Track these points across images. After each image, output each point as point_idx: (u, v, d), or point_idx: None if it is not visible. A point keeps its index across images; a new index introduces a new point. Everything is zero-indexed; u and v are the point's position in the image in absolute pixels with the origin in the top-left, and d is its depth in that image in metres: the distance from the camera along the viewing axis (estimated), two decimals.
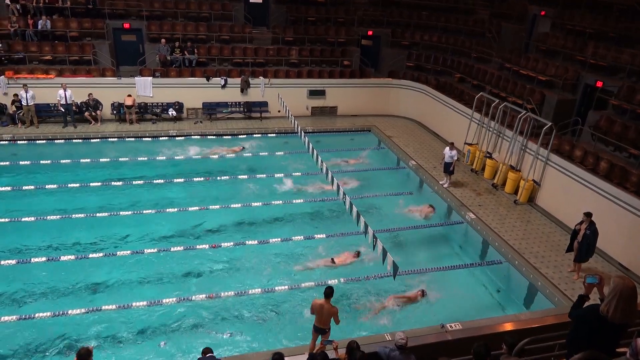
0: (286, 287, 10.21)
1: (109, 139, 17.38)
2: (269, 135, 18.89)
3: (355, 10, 23.39)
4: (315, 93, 20.82)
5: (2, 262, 10.30)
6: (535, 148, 13.84)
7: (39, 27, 18.77)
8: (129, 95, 18.22)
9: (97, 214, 12.47)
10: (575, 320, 4.77)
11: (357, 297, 10.25)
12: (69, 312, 9.04)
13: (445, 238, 13.15)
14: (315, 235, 12.15)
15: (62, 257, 10.65)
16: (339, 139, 19.12)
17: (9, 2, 19.02)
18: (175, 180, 14.65)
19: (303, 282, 10.33)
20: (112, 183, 14.21)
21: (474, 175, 15.85)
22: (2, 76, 17.48)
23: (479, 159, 16.01)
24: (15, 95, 17.32)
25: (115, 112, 18.77)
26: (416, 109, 21.26)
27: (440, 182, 14.81)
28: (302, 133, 13.96)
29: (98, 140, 17.27)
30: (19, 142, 16.67)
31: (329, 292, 7.61)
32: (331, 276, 10.63)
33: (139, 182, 14.44)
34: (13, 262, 10.38)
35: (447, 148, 14.47)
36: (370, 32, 22.97)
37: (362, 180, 15.67)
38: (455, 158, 14.28)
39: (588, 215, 10.12)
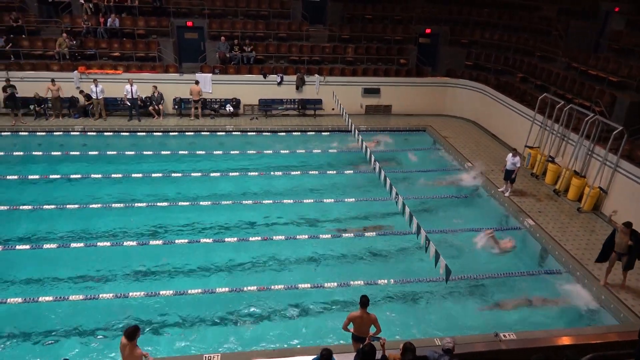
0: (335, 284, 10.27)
1: (170, 133, 18.14)
2: (322, 133, 19.00)
3: (413, 8, 23.01)
4: (369, 91, 20.70)
5: (73, 245, 11.04)
6: (603, 153, 13.05)
7: (109, 25, 19.88)
8: (197, 83, 18.79)
9: (158, 203, 13.04)
10: None
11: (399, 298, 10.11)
12: (130, 294, 9.55)
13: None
14: (366, 233, 12.10)
15: (124, 243, 11.26)
16: (393, 138, 18.88)
17: (82, 1, 20.27)
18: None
19: (351, 281, 10.30)
20: (173, 174, 14.84)
21: (534, 180, 15.18)
22: (76, 71, 18.67)
23: (540, 163, 15.30)
24: (82, 91, 18.48)
25: (176, 107, 19.56)
26: (474, 109, 20.64)
27: (500, 190, 14.22)
28: (356, 131, 13.96)
29: (160, 133, 18.08)
30: (88, 133, 17.76)
31: (365, 300, 7.47)
32: (380, 276, 10.53)
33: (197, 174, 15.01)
34: (81, 245, 11.10)
35: (510, 154, 13.70)
36: (428, 30, 22.53)
37: (414, 181, 15.42)
38: (518, 165, 13.57)
39: (628, 225, 9.55)
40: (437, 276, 9.42)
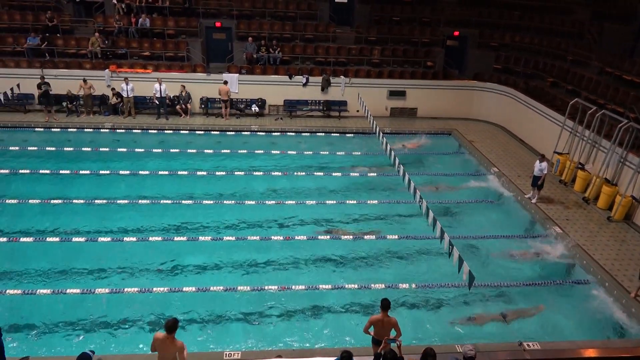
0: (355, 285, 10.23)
1: (197, 132, 18.42)
2: (346, 134, 18.99)
3: (441, 10, 22.77)
4: (395, 94, 20.58)
5: (100, 239, 11.32)
6: (636, 161, 12.63)
7: (139, 24, 20.32)
8: (225, 83, 19.02)
9: (183, 201, 13.25)
10: None
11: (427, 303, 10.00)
12: (153, 289, 9.73)
13: (524, 251, 12.35)
14: (387, 236, 12.01)
15: (150, 238, 11.48)
16: (418, 141, 18.69)
17: (115, 2, 20.79)
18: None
19: (372, 284, 10.25)
20: (198, 172, 15.06)
21: (562, 187, 14.82)
22: (107, 70, 19.15)
23: (570, 170, 14.92)
24: (113, 89, 18.94)
25: (203, 106, 19.84)
26: (501, 113, 20.28)
27: (527, 196, 13.91)
28: (380, 134, 13.88)
29: (187, 132, 18.38)
30: (117, 130, 18.19)
31: (386, 303, 7.41)
32: (402, 280, 10.45)
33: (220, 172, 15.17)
34: (108, 239, 11.37)
35: (538, 160, 13.41)
36: (456, 33, 22.24)
37: (438, 184, 15.25)
38: (545, 172, 13.22)
39: None
40: (460, 282, 9.29)
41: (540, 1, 22.67)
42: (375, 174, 15.63)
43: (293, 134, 18.85)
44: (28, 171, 14.49)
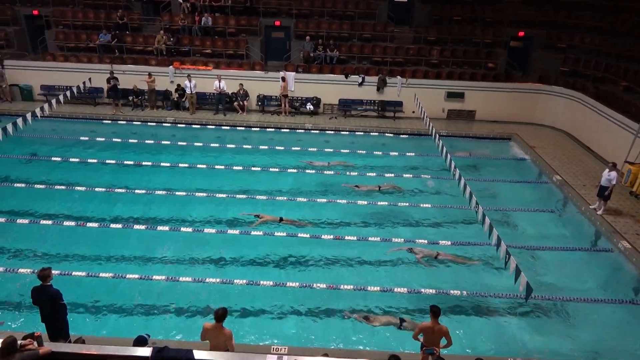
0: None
1: (252, 128, 18.80)
2: (401, 135, 18.72)
3: (505, 10, 21.92)
4: (453, 95, 20.05)
5: (159, 228, 11.82)
6: None
7: (203, 23, 21.00)
8: (283, 80, 19.30)
9: (237, 195, 13.54)
10: None
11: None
12: (207, 279, 10.02)
13: (588, 265, 11.60)
14: (440, 241, 11.72)
15: (205, 230, 11.85)
16: (474, 145, 18.15)
17: (181, 1, 21.62)
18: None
19: (422, 289, 10.03)
20: (253, 168, 15.35)
21: (632, 199, 13.84)
22: (171, 66, 19.95)
23: None
24: (178, 85, 19.67)
25: (259, 103, 20.23)
26: (568, 119, 19.24)
27: (592, 207, 13.10)
28: (437, 136, 13.57)
29: (243, 128, 18.80)
30: (178, 125, 18.92)
31: (436, 310, 7.18)
32: (453, 287, 10.15)
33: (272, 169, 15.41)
34: (166, 228, 11.84)
35: (607, 169, 12.52)
36: (521, 33, 21.35)
37: (496, 191, 14.69)
38: (614, 182, 12.35)
39: None
40: (517, 293, 8.90)
41: (613, 1, 21.26)
42: (430, 176, 15.28)
43: (347, 133, 18.81)
44: (95, 161, 15.37)
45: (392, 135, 18.74)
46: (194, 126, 18.91)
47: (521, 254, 11.02)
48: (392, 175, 15.19)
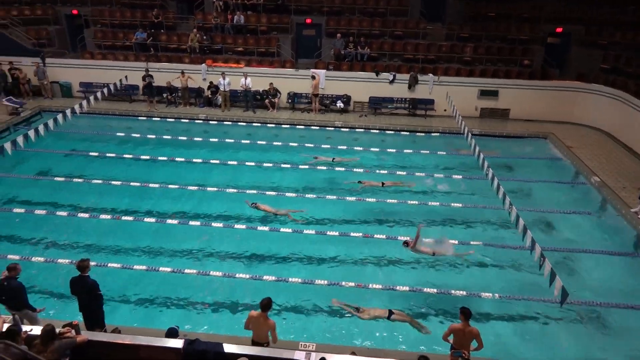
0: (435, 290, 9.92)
1: (282, 125, 18.91)
2: (432, 134, 18.46)
3: (543, 6, 21.29)
4: (486, 93, 19.63)
5: (191, 223, 12.03)
6: None
7: (235, 21, 21.24)
8: (313, 78, 19.32)
9: (267, 192, 13.65)
10: None
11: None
12: (236, 275, 10.16)
13: (631, 271, 11.16)
14: (471, 242, 11.49)
15: (235, 226, 12.00)
16: (508, 145, 17.72)
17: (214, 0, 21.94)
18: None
19: (452, 290, 9.87)
20: (282, 165, 15.44)
21: None
22: (204, 64, 20.27)
23: None
24: (211, 82, 19.95)
25: (290, 101, 20.32)
26: (608, 118, 18.54)
27: (633, 210, 12.56)
28: (469, 135, 13.32)
29: (273, 125, 18.93)
30: (210, 122, 19.21)
31: (468, 312, 7.03)
32: (484, 289, 9.94)
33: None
34: (198, 223, 12.05)
35: None
36: (559, 29, 20.70)
37: (530, 192, 14.31)
38: None
39: None
40: (551, 297, 8.65)
41: None
42: (461, 176, 15.01)
43: (377, 131, 18.69)
44: (130, 156, 15.78)
45: (423, 133, 18.49)
46: (225, 123, 19.17)
47: (556, 258, 10.71)
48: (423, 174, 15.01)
